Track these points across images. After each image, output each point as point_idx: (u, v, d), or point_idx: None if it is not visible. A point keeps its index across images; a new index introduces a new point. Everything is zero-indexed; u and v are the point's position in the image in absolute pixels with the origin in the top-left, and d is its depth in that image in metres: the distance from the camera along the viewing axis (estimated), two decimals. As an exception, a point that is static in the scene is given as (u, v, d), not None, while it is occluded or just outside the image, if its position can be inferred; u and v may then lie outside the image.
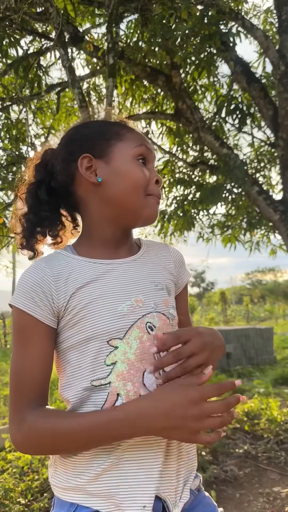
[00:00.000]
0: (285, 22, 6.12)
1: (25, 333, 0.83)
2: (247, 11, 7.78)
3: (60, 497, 0.82)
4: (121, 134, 0.91)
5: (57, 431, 0.76)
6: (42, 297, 0.83)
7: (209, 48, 5.58)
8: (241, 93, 7.11)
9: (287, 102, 5.87)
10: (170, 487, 0.81)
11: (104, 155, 0.90)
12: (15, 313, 0.84)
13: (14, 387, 0.82)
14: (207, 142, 6.14)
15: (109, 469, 0.78)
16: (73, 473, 0.81)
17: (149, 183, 0.90)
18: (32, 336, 0.83)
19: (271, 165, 7.49)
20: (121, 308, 0.84)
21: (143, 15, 4.70)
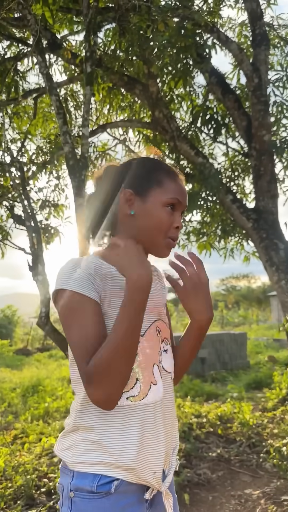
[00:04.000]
0: (259, 36, 6.32)
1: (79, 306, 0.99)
2: (222, 23, 8.00)
3: (81, 471, 0.98)
4: (163, 182, 1.10)
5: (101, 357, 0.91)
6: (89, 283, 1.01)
7: (185, 59, 5.71)
8: (216, 103, 7.27)
9: (260, 113, 6.04)
10: (167, 460, 1.07)
11: (143, 194, 1.09)
12: (67, 296, 0.99)
13: (80, 355, 0.95)
14: (183, 151, 6.25)
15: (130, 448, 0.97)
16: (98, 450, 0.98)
17: (171, 227, 1.10)
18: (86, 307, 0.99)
19: (244, 175, 7.67)
20: None
21: (121, 25, 4.78)
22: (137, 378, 1.01)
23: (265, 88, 6.21)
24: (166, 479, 1.06)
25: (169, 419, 1.09)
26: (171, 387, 1.12)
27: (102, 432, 0.98)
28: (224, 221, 6.71)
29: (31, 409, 5.28)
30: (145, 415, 1.00)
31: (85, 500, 0.96)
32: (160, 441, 1.03)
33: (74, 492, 0.97)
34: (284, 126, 7.46)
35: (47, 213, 6.79)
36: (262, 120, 6.00)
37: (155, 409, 1.03)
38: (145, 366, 1.03)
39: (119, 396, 0.96)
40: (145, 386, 1.02)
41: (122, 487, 0.97)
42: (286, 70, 7.89)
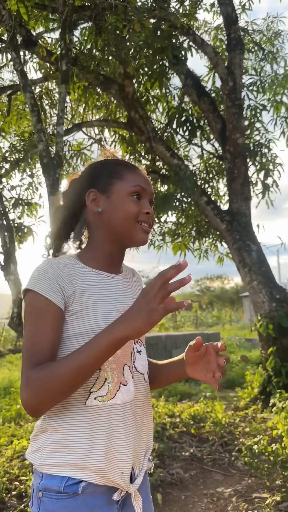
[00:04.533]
0: (234, 40, 6.42)
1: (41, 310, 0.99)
2: (198, 26, 8.08)
3: (49, 473, 0.97)
4: (122, 174, 1.12)
5: (52, 369, 0.91)
6: (56, 287, 1.00)
7: (161, 60, 5.74)
8: (192, 105, 7.34)
9: (234, 117, 6.14)
10: (138, 460, 1.05)
11: (106, 190, 1.11)
12: (32, 297, 1.00)
13: (28, 357, 0.95)
14: (158, 152, 6.28)
15: (97, 448, 0.96)
16: (64, 451, 0.97)
17: (140, 214, 1.10)
18: (47, 312, 0.98)
19: (218, 177, 7.77)
20: (113, 313, 1.03)
21: (97, 24, 4.76)
22: (105, 378, 1.01)
23: (239, 92, 6.31)
24: (135, 480, 1.04)
25: (141, 420, 1.08)
26: (144, 388, 1.10)
27: (69, 432, 0.97)
28: (198, 223, 6.78)
29: (3, 411, 5.18)
30: (113, 415, 1.00)
31: (53, 500, 0.96)
32: (129, 442, 1.01)
33: (43, 492, 0.97)
34: (257, 130, 7.61)
35: (20, 212, 6.69)
36: (236, 123, 6.09)
37: (125, 410, 1.02)
38: (115, 366, 1.03)
39: (47, 410, 0.96)
40: (114, 386, 1.01)
41: (90, 488, 0.96)
42: (260, 74, 8.05)
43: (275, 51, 8.27)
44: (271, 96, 7.91)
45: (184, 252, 7.06)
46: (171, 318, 23.91)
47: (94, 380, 0.99)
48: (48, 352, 0.96)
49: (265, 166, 6.57)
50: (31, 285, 1.01)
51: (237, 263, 5.74)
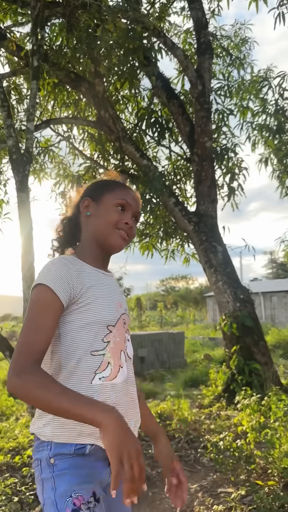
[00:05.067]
0: (203, 45, 6.54)
1: (42, 305, 1.12)
2: (168, 29, 8.17)
3: (59, 442, 1.12)
4: (113, 188, 1.31)
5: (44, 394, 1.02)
6: (66, 285, 1.14)
7: (132, 61, 5.77)
8: (161, 107, 7.42)
9: (203, 120, 6.26)
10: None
11: (97, 200, 1.30)
12: (41, 291, 1.12)
13: (26, 341, 1.07)
14: (128, 152, 6.31)
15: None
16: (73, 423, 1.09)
17: (120, 222, 1.27)
18: (46, 308, 1.12)
19: (186, 179, 7.89)
20: (113, 305, 1.23)
21: (69, 21, 4.73)
22: (109, 362, 1.18)
23: (208, 96, 6.44)
24: None
25: (131, 396, 1.25)
26: (132, 370, 1.29)
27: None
28: (166, 223, 6.86)
29: None
30: (113, 392, 1.17)
31: (65, 460, 1.11)
32: (124, 413, 1.12)
33: (54, 458, 1.11)
34: (224, 134, 7.78)
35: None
36: (204, 126, 6.21)
37: (122, 388, 1.20)
38: (115, 352, 1.20)
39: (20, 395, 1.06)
40: (115, 369, 1.19)
41: (94, 451, 1.12)
42: (227, 79, 8.24)
43: (242, 57, 8.48)
44: (238, 101, 8.11)
45: (152, 252, 7.12)
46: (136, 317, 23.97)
47: (99, 364, 1.17)
48: (45, 343, 1.10)
49: (231, 170, 6.74)
50: (44, 280, 1.13)
51: (203, 264, 5.86)
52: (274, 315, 22.98)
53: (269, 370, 5.34)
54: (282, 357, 11.83)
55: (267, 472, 3.06)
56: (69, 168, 7.44)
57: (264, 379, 5.17)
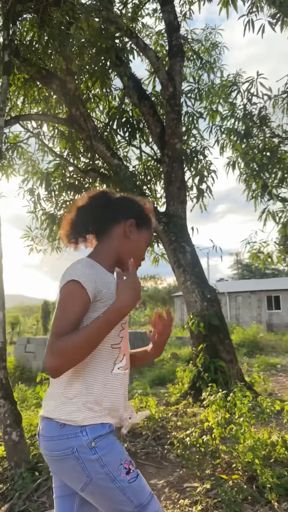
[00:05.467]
0: (175, 47, 6.62)
1: (77, 298, 1.31)
2: (140, 30, 8.21)
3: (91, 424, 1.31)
4: (149, 224, 1.59)
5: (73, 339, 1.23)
6: (93, 284, 1.34)
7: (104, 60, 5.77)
8: (132, 107, 7.45)
9: (173, 122, 6.34)
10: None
11: (140, 228, 1.53)
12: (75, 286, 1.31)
13: (58, 330, 1.25)
14: (99, 151, 6.30)
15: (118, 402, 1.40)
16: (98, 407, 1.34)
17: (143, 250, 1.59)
18: (79, 301, 1.31)
19: (156, 180, 7.96)
20: None
21: (41, 17, 4.68)
22: (124, 354, 1.44)
23: (179, 98, 6.53)
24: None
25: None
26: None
27: (101, 393, 1.35)
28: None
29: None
30: (125, 380, 1.44)
31: (102, 440, 1.32)
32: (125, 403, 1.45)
33: (94, 441, 1.30)
34: (194, 137, 7.91)
35: None
36: (175, 128, 6.30)
37: (128, 376, 1.48)
38: (125, 345, 1.45)
39: (65, 370, 1.26)
40: (127, 360, 1.46)
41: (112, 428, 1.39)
42: (197, 83, 8.38)
43: (212, 61, 8.65)
44: (207, 105, 8.26)
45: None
46: (104, 317, 23.93)
47: (117, 355, 1.41)
48: (71, 329, 1.27)
49: (200, 172, 6.86)
50: (78, 277, 1.33)
51: (172, 264, 5.94)
52: (239, 315, 23.50)
53: (234, 368, 5.48)
54: (246, 355, 12.14)
55: (232, 466, 3.15)
56: (38, 165, 7.35)
57: (229, 377, 5.30)
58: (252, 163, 7.91)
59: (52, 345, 1.23)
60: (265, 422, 3.67)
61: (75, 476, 1.30)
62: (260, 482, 2.78)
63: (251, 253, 7.99)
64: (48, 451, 1.33)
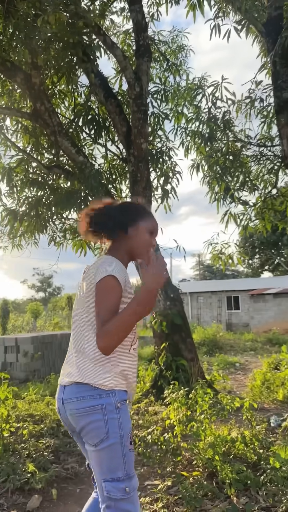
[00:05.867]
0: (142, 47, 6.62)
1: (116, 289, 1.60)
2: (107, 28, 8.17)
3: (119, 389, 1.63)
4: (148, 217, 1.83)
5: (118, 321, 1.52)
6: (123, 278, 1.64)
7: (71, 56, 5.69)
8: (98, 105, 7.39)
9: (139, 122, 6.34)
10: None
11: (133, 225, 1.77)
12: (113, 280, 1.60)
13: (104, 317, 1.54)
14: (63, 147, 6.21)
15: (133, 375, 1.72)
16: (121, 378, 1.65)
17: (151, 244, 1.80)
18: (118, 293, 1.61)
19: (121, 179, 7.94)
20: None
21: (7, 8, 4.56)
22: (137, 338, 1.79)
23: (145, 98, 6.54)
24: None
25: None
26: None
27: (124, 367, 1.66)
28: (100, 221, 6.84)
29: None
30: (136, 358, 1.77)
31: (124, 405, 1.63)
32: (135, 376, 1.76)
33: (120, 403, 1.61)
34: (159, 137, 7.96)
35: None
36: (141, 128, 6.30)
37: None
38: (136, 330, 1.78)
39: (113, 349, 1.55)
40: (137, 340, 1.79)
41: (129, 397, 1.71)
42: (164, 84, 8.44)
43: (178, 63, 8.74)
44: (173, 107, 8.34)
45: (85, 250, 7.08)
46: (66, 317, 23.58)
47: (133, 338, 1.73)
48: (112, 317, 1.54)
49: (166, 173, 6.91)
50: (114, 273, 1.60)
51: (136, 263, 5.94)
52: (200, 315, 23.89)
53: (195, 366, 5.56)
54: (206, 354, 12.37)
55: (192, 463, 3.20)
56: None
57: (190, 375, 5.37)
58: (216, 166, 8.06)
59: (101, 330, 1.53)
60: (225, 419, 3.75)
61: (95, 431, 1.56)
62: (220, 478, 2.83)
63: (213, 254, 8.14)
64: (76, 409, 1.59)
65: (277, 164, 8.40)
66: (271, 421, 4.26)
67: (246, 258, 31.64)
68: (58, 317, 23.53)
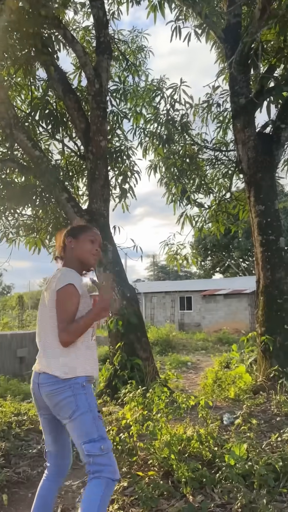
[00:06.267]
0: (103, 45, 6.55)
1: (75, 297, 2.00)
2: (67, 22, 8.02)
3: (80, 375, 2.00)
4: (87, 230, 2.25)
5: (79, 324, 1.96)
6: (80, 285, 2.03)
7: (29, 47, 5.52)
8: (56, 100, 7.24)
9: (98, 119, 6.27)
10: None
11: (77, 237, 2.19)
12: (72, 288, 2.00)
13: (66, 318, 1.97)
14: (19, 141, 6.01)
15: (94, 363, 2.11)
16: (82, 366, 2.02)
17: (93, 249, 2.19)
18: (77, 298, 2.01)
19: (79, 176, 7.83)
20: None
21: None
22: (95, 331, 2.19)
23: (105, 96, 6.47)
24: None
25: None
26: None
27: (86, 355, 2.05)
28: (57, 219, 6.71)
29: None
30: (95, 347, 2.18)
31: (88, 385, 2.03)
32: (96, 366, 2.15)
33: (84, 382, 2.00)
34: (118, 136, 7.92)
35: None
36: (100, 126, 6.23)
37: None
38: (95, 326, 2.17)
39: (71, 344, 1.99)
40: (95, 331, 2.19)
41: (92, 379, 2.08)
42: (123, 83, 8.41)
43: (138, 64, 8.75)
44: (132, 106, 8.34)
45: (39, 248, 6.90)
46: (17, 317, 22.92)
47: (92, 331, 2.12)
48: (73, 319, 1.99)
49: (124, 172, 6.88)
50: (72, 281, 2.01)
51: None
52: (154, 315, 24.07)
53: (150, 365, 5.57)
54: (159, 353, 12.48)
55: (148, 463, 3.19)
56: None
57: (145, 374, 5.38)
58: (173, 167, 8.15)
59: (65, 329, 1.96)
60: (180, 418, 3.78)
61: (67, 406, 1.95)
62: (175, 477, 2.84)
63: (168, 254, 8.22)
64: (50, 390, 1.98)
65: (231, 169, 8.64)
66: (224, 419, 4.34)
67: (199, 259, 32.27)
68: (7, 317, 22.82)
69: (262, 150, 5.97)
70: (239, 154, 6.16)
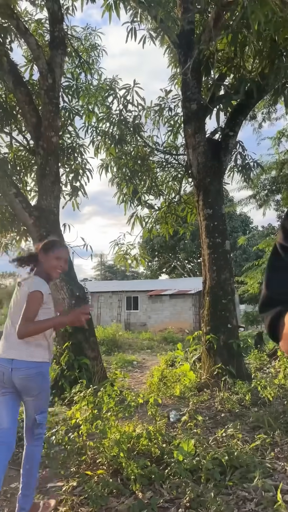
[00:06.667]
0: (57, 39, 6.44)
1: (40, 301, 2.46)
2: (20, 14, 7.79)
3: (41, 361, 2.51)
4: (55, 248, 2.68)
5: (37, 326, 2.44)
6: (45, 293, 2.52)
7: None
8: (6, 92, 7.01)
9: (51, 114, 6.15)
10: None
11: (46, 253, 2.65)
12: (39, 293, 2.46)
13: (28, 316, 2.40)
14: None
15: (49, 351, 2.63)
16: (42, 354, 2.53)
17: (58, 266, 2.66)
18: (40, 302, 2.47)
19: (27, 171, 7.63)
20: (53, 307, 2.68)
21: None
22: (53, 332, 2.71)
23: (58, 91, 6.36)
24: None
25: None
26: None
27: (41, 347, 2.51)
28: (3, 214, 6.50)
29: None
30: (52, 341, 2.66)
31: (47, 369, 2.56)
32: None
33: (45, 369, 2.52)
34: (69, 133, 7.82)
35: None
36: (52, 121, 6.12)
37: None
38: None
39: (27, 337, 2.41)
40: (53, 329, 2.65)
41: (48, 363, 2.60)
42: (76, 80, 8.32)
43: (91, 62, 8.69)
44: (84, 104, 8.27)
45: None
46: None
47: (51, 331, 2.59)
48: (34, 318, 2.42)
49: (76, 170, 6.81)
50: (40, 288, 2.47)
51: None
52: (100, 314, 23.98)
53: (98, 365, 5.56)
54: (105, 353, 12.45)
55: (97, 462, 3.19)
56: None
57: (93, 373, 5.36)
58: (125, 168, 8.18)
59: (25, 325, 2.37)
60: (129, 416, 3.82)
61: (35, 387, 2.46)
62: (124, 474, 2.87)
63: (118, 254, 8.24)
64: (25, 375, 2.43)
65: (181, 173, 8.84)
66: (170, 416, 4.44)
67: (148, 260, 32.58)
68: None
69: (211, 156, 6.16)
70: (189, 159, 6.31)
